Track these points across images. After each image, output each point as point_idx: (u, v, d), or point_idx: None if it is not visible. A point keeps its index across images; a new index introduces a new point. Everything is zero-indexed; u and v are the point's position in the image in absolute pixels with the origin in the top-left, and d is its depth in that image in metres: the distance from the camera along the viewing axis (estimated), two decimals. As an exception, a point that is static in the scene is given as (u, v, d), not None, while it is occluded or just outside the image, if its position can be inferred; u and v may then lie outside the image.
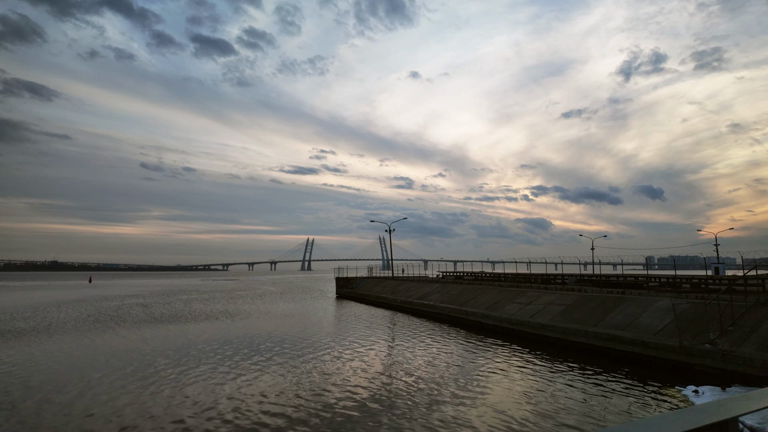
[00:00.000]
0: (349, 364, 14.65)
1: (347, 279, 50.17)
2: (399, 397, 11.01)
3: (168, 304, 38.18)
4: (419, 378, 12.82)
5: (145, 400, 10.74)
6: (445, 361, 14.99)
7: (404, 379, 12.66)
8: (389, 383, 12.29)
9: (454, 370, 13.71)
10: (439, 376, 13.07)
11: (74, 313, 31.30)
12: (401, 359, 15.43)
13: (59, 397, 11.01)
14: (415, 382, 12.40)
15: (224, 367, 14.23)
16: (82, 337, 20.37)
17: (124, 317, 28.54)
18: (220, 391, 11.60)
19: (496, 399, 10.76)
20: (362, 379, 12.79)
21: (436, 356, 15.86)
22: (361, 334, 20.99)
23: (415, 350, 17.06)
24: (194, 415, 9.73)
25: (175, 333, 21.65)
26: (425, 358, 15.65)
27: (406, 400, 10.70)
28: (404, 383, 12.26)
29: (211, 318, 28.07)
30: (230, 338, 19.96)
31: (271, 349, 17.44)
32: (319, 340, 19.31)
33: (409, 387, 11.88)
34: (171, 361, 15.24)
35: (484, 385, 12.06)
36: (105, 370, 13.87)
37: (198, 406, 10.31)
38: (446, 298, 29.40)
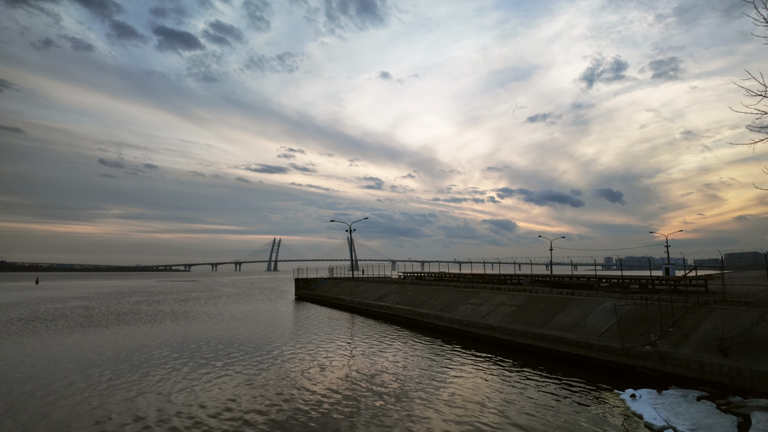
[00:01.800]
0: (300, 370, 13.76)
1: (307, 280, 48.98)
2: (343, 402, 10.26)
3: (113, 307, 36.03)
4: (363, 382, 12.11)
5: (79, 412, 9.56)
6: (394, 365, 14.35)
7: (350, 384, 11.92)
8: (336, 388, 11.52)
9: (401, 375, 13.08)
10: (384, 380, 12.40)
11: (4, 316, 28.93)
12: (350, 364, 14.68)
13: (-60, 416, 9.67)
14: (360, 386, 11.69)
15: (163, 373, 13.09)
16: (6, 344, 18.60)
17: (59, 321, 26.55)
18: (156, 395, 10.54)
19: (437, 405, 10.18)
20: (314, 385, 11.96)
21: (385, 360, 15.20)
22: (314, 338, 20.11)
23: (365, 353, 16.35)
24: (122, 420, 8.67)
25: (112, 338, 20.14)
26: (373, 361, 14.96)
27: (350, 406, 9.96)
28: (349, 388, 11.52)
29: (156, 321, 26.48)
30: (174, 343, 18.67)
31: (217, 354, 16.33)
32: (270, 345, 18.29)
33: (353, 392, 11.15)
34: (104, 369, 13.94)
35: (427, 390, 11.47)
36: (31, 381, 12.48)
37: (125, 413, 9.25)
38: (403, 300, 28.88)
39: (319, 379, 12.81)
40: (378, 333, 21.50)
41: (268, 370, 13.95)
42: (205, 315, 30.06)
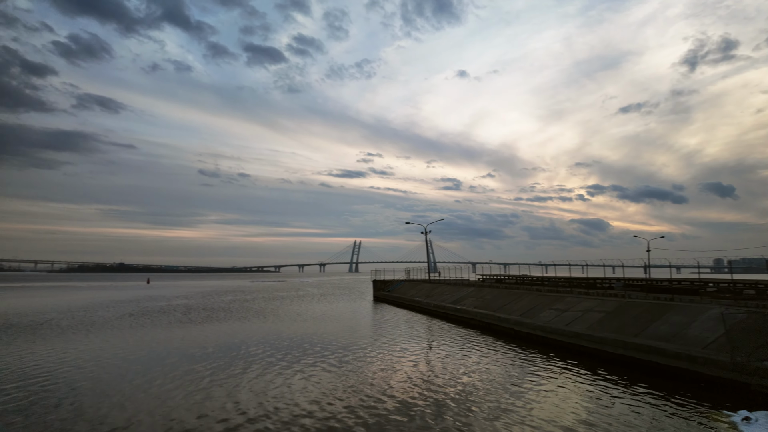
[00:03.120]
0: (381, 372, 13.84)
1: (384, 281, 49.54)
2: (421, 405, 10.16)
3: (210, 305, 39.27)
4: (442, 388, 11.88)
5: (175, 399, 10.59)
6: (472, 372, 13.93)
7: (426, 389, 11.77)
8: (416, 392, 11.45)
9: (480, 382, 12.64)
10: (463, 387, 12.07)
11: (119, 312, 32.79)
12: (428, 368, 14.51)
13: (96, 397, 11.10)
14: (439, 391, 11.49)
15: (254, 369, 13.96)
16: (116, 336, 21.02)
17: (163, 317, 29.47)
18: (252, 392, 11.26)
19: (521, 414, 9.65)
20: (394, 387, 11.99)
21: (463, 366, 14.81)
22: (393, 341, 20.18)
23: (443, 358, 16.05)
24: (224, 415, 9.40)
25: (210, 334, 21.91)
26: (451, 367, 14.64)
27: (430, 409, 9.84)
28: (426, 393, 11.38)
29: (246, 319, 28.36)
30: (264, 341, 19.85)
31: (304, 353, 17.05)
32: (353, 346, 18.66)
33: (431, 396, 10.99)
34: (207, 363, 15.22)
35: (508, 399, 10.94)
36: (143, 373, 14.02)
37: (228, 407, 10.00)
38: (480, 303, 28.03)
39: (399, 381, 12.76)
40: (455, 337, 21.04)
41: (352, 370, 14.19)
42: (292, 314, 31.58)
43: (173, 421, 9.35)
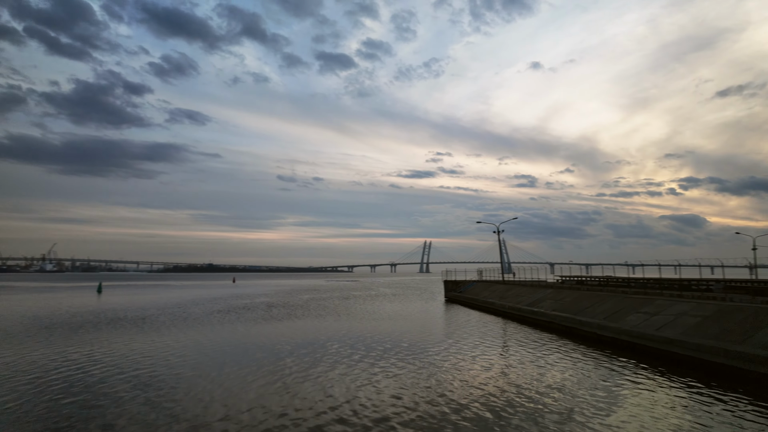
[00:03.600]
0: (456, 374, 13.83)
1: (456, 282, 49.01)
2: (501, 410, 10.08)
3: (289, 302, 41.37)
4: (523, 390, 11.64)
5: (268, 392, 11.49)
6: (550, 377, 13.45)
7: (504, 393, 11.60)
8: (491, 397, 11.35)
9: (559, 388, 12.20)
10: (540, 393, 11.73)
11: (209, 309, 35.63)
12: (504, 372, 14.25)
13: (198, 387, 12.35)
14: (520, 394, 11.28)
15: (338, 366, 14.61)
16: (209, 331, 22.90)
17: (246, 314, 31.57)
18: (328, 388, 11.82)
19: (610, 425, 9.20)
20: (468, 390, 11.92)
21: (541, 370, 14.33)
22: (466, 342, 19.98)
23: (520, 362, 15.64)
24: (303, 412, 10.07)
25: (291, 331, 23.17)
26: (528, 371, 14.24)
27: (511, 415, 9.74)
28: (504, 397, 11.22)
29: (323, 317, 29.54)
30: (342, 338, 20.64)
31: (378, 351, 17.50)
32: (426, 346, 18.77)
33: (510, 401, 10.83)
34: (292, 359, 16.22)
35: (595, 406, 10.45)
36: (231, 365, 15.29)
37: (319, 402, 10.60)
38: (559, 306, 26.79)
39: (474, 385, 12.65)
40: (531, 340, 20.34)
41: (430, 371, 14.29)
42: (366, 313, 32.37)
43: (269, 413, 10.02)
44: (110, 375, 13.30)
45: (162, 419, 9.41)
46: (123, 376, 13.21)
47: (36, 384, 12.18)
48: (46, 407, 10.16)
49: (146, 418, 9.49)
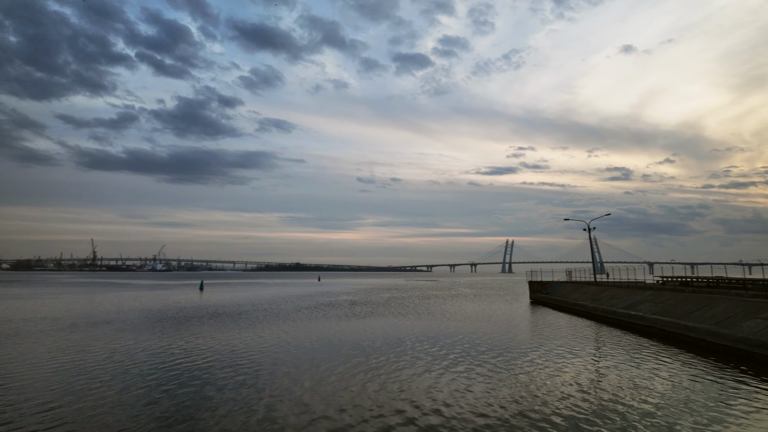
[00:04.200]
0: (543, 378, 13.29)
1: (541, 283, 46.75)
2: (595, 423, 9.57)
3: (371, 301, 42.33)
4: (621, 399, 10.90)
5: (356, 387, 12.04)
6: (653, 389, 12.40)
7: (602, 401, 10.94)
8: (582, 406, 10.79)
9: (670, 400, 11.22)
10: (644, 406, 10.88)
11: (297, 305, 37.61)
12: (597, 380, 13.41)
13: (293, 379, 13.27)
14: (616, 403, 10.58)
15: (420, 365, 14.80)
16: (299, 326, 24.20)
17: (330, 311, 32.84)
18: (412, 389, 11.95)
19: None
20: (557, 397, 11.42)
21: (641, 380, 13.25)
22: (554, 346, 18.99)
23: (615, 369, 14.57)
24: (400, 407, 10.40)
25: (370, 327, 23.76)
26: (626, 380, 13.23)
27: (603, 427, 9.23)
28: (601, 405, 10.60)
29: (404, 315, 29.85)
30: (421, 337, 20.79)
31: (461, 352, 17.39)
32: (511, 349, 18.19)
33: (607, 409, 10.22)
34: (369, 353, 16.73)
35: (710, 424, 9.49)
36: (318, 361, 16.14)
37: (403, 400, 10.87)
38: (660, 309, 24.49)
39: (564, 392, 12.02)
40: (629, 347, 18.81)
41: (514, 375, 13.89)
42: (447, 313, 32.14)
43: (357, 408, 10.39)
44: (212, 365, 14.59)
45: (260, 409, 10.15)
46: (224, 367, 14.41)
47: (151, 370, 13.73)
48: (163, 391, 11.42)
49: (246, 407, 10.29)
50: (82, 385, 11.88)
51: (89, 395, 10.91)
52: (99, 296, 48.89)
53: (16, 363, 14.45)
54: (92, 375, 12.94)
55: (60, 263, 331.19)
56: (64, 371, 13.41)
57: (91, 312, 31.12)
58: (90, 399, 10.60)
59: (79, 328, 22.59)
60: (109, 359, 15.19)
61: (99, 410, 9.77)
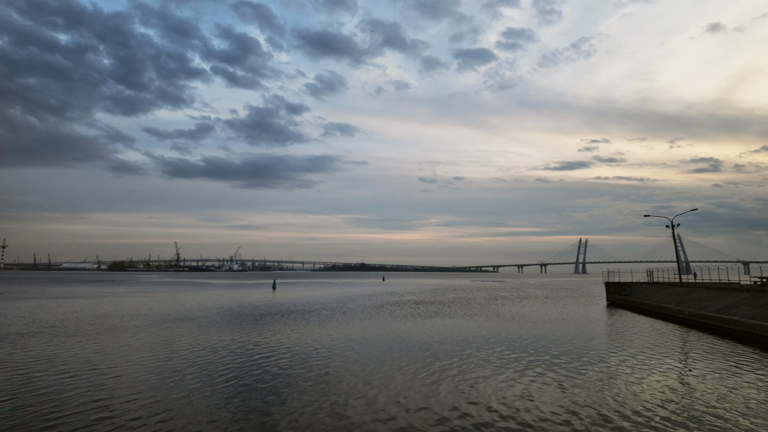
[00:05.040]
0: (624, 388, 12.41)
1: (619, 284, 43.82)
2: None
3: (436, 301, 42.08)
4: (713, 411, 10.01)
5: (426, 388, 12.16)
6: (754, 398, 11.24)
7: (692, 413, 10.13)
8: (669, 418, 10.05)
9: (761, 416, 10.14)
10: (757, 422, 9.91)
11: (363, 305, 38.27)
12: (685, 390, 12.39)
13: (364, 376, 13.67)
14: (709, 416, 9.74)
15: (490, 367, 14.59)
16: (366, 324, 24.62)
17: (396, 310, 33.05)
18: (482, 392, 11.80)
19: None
20: (638, 407, 10.72)
21: (737, 392, 12.04)
22: (634, 351, 17.68)
23: (709, 378, 13.31)
24: (457, 413, 10.39)
25: (436, 327, 23.65)
26: (723, 388, 12.07)
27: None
28: (699, 421, 9.80)
29: (471, 317, 29.38)
30: (490, 338, 20.39)
31: (532, 354, 16.86)
32: (587, 354, 17.11)
33: (700, 423, 9.45)
34: (437, 353, 16.72)
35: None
36: (383, 360, 16.41)
37: (473, 402, 10.81)
38: (760, 313, 22.03)
39: (648, 401, 11.20)
40: (722, 354, 17.07)
41: (590, 381, 13.19)
42: (515, 314, 31.17)
43: (425, 411, 10.40)
44: (285, 361, 15.25)
45: (327, 406, 10.46)
46: (296, 363, 15.02)
47: (231, 364, 14.63)
48: (241, 384, 12.14)
49: (315, 404, 10.65)
50: (170, 375, 12.93)
51: (177, 385, 11.85)
52: (183, 295, 52.92)
53: (115, 355, 16.04)
54: (179, 367, 14.04)
55: (149, 264, 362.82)
56: (156, 363, 14.67)
57: (176, 309, 33.79)
58: (177, 389, 11.51)
59: (168, 324, 24.60)
60: (194, 353, 16.40)
61: (185, 399, 10.58)
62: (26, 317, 27.26)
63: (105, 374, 13.02)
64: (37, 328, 22.57)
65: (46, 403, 10.18)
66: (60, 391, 11.18)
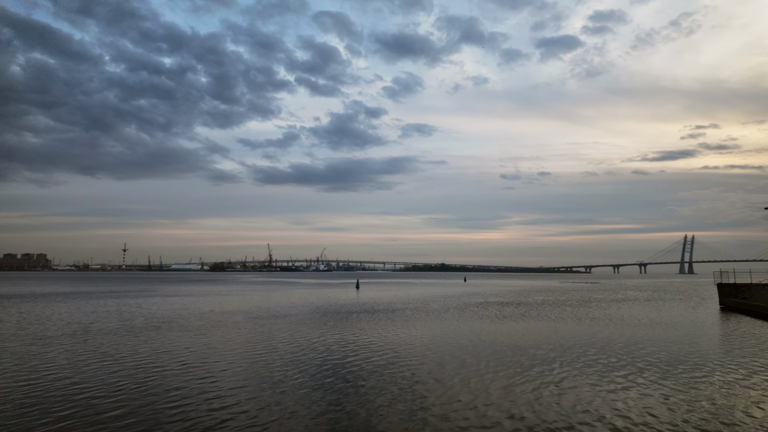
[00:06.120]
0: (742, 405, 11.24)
1: (735, 286, 38.90)
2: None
3: (523, 302, 40.60)
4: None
5: (519, 394, 12.03)
6: None
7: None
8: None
9: None
10: None
11: (446, 305, 38.05)
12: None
13: (446, 378, 13.84)
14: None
15: (575, 373, 14.01)
16: (450, 325, 24.53)
17: (480, 311, 32.42)
18: (577, 401, 11.38)
19: None
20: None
21: None
22: (752, 361, 15.82)
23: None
24: (565, 422, 10.17)
25: (526, 330, 22.90)
26: None
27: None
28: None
29: (561, 320, 27.99)
30: (585, 343, 19.37)
31: (636, 363, 15.78)
32: (700, 364, 15.47)
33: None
34: (530, 358, 16.31)
35: None
36: (474, 359, 16.35)
37: (577, 410, 10.57)
38: None
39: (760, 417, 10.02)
40: None
41: (705, 396, 12.10)
42: (613, 318, 29.11)
43: (517, 420, 10.22)
44: (371, 358, 15.70)
45: (417, 405, 10.63)
46: (381, 361, 15.41)
47: (320, 359, 15.41)
48: (331, 380, 12.77)
49: (399, 405, 10.88)
50: (272, 369, 13.95)
51: (273, 378, 12.77)
52: (276, 293, 56.56)
53: (222, 348, 17.64)
54: (279, 361, 15.10)
55: (245, 265, 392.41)
56: (258, 357, 15.92)
57: (271, 307, 36.25)
58: (272, 381, 12.40)
59: (264, 320, 26.50)
60: (288, 347, 17.53)
61: (279, 390, 11.38)
62: (145, 313, 30.92)
63: (214, 367, 14.39)
64: (155, 322, 25.51)
65: (170, 392, 11.53)
66: (178, 381, 12.59)
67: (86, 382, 12.12)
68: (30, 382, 12.06)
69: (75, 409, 9.78)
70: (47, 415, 9.40)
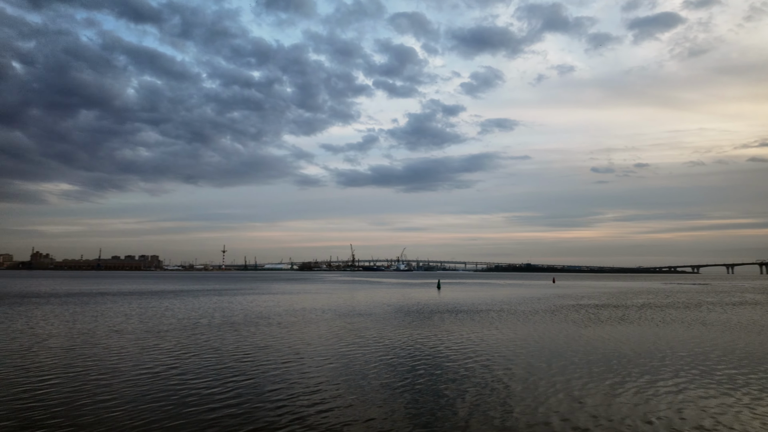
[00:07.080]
0: None
1: None
2: None
3: (621, 305, 37.72)
4: None
5: (617, 402, 11.45)
6: None
7: None
8: None
9: None
10: None
11: (535, 307, 36.52)
12: None
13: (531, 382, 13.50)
14: None
15: (681, 385, 12.86)
16: (541, 328, 23.56)
17: (573, 314, 30.65)
18: (716, 413, 10.61)
19: None
20: None
21: None
22: None
23: None
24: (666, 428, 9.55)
25: (624, 335, 21.34)
26: None
27: None
28: None
29: (666, 323, 25.60)
30: (687, 349, 17.66)
31: (745, 372, 14.15)
32: None
33: None
34: (627, 364, 15.30)
35: None
36: (565, 363, 15.69)
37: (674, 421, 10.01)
38: None
39: None
40: None
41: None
42: (727, 323, 26.00)
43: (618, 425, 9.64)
44: (454, 359, 15.59)
45: (500, 408, 10.39)
46: (465, 363, 15.24)
47: (404, 357, 15.61)
48: (412, 378, 12.90)
49: (482, 408, 10.67)
50: (363, 366, 14.45)
51: (359, 371, 13.21)
52: (360, 292, 58.23)
53: (316, 344, 18.60)
54: (370, 359, 15.58)
55: (330, 264, 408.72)
56: (348, 353, 16.56)
57: (356, 305, 37.44)
58: (358, 375, 12.83)
59: (351, 318, 27.46)
60: (374, 344, 18.03)
61: (362, 382, 11.74)
62: (244, 310, 33.49)
63: (311, 362, 15.22)
64: (252, 318, 27.55)
65: (270, 384, 12.45)
66: (277, 374, 13.52)
67: (194, 372, 13.49)
68: (147, 370, 13.71)
69: (192, 398, 10.95)
70: (164, 399, 10.64)
